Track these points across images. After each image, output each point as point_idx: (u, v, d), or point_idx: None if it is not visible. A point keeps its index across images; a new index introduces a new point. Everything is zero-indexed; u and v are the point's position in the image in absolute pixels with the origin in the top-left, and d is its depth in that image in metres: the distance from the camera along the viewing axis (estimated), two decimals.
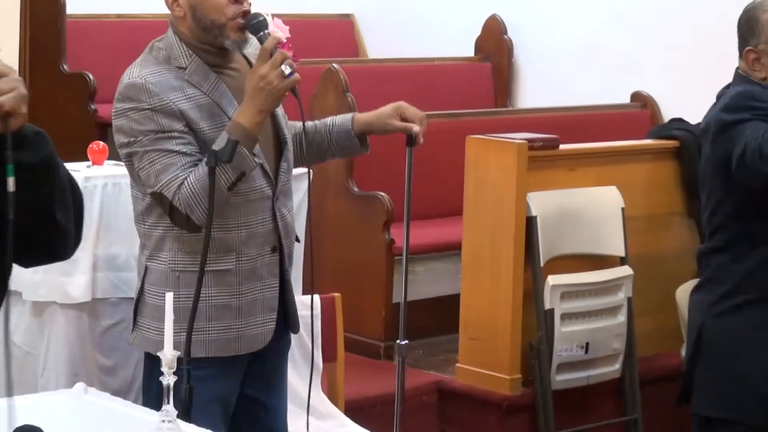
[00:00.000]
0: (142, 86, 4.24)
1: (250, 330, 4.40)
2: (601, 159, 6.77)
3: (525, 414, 6.37)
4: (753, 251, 4.21)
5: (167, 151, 4.21)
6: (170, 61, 4.32)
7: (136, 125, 4.25)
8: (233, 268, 4.35)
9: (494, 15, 8.87)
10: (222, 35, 4.28)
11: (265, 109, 4.19)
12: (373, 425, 5.50)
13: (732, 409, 4.23)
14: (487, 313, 6.38)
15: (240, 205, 4.31)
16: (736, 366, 4.22)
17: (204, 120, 4.27)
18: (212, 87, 4.32)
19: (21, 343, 5.19)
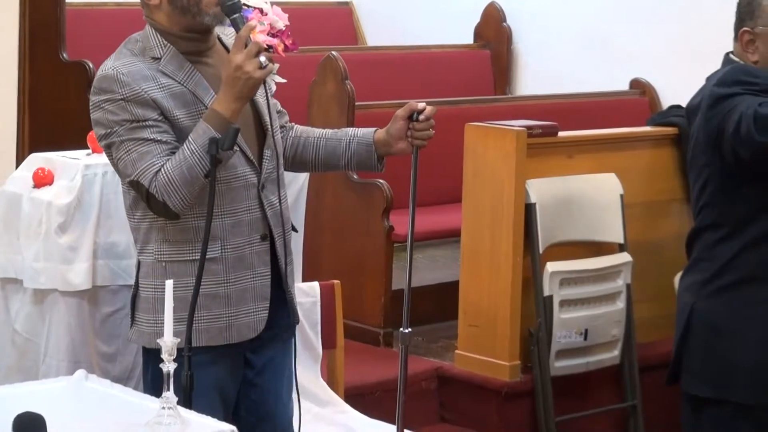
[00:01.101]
0: (114, 77, 4.23)
1: (241, 319, 4.40)
2: (600, 146, 6.79)
3: (524, 400, 6.39)
4: (739, 232, 4.22)
5: (143, 140, 4.20)
6: (145, 53, 4.31)
7: (111, 116, 4.24)
8: (218, 256, 4.33)
9: (493, 2, 8.88)
10: (200, 13, 4.26)
11: (242, 97, 4.18)
12: (372, 411, 5.53)
13: (719, 388, 4.25)
14: (486, 300, 6.39)
15: (223, 193, 4.28)
16: (724, 345, 4.23)
17: (178, 108, 4.25)
18: (187, 76, 4.30)
19: (22, 330, 5.20)
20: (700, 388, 4.33)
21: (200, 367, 4.24)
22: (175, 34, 4.33)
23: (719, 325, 4.27)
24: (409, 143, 4.41)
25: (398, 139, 4.44)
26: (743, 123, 4.15)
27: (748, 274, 4.21)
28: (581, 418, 6.52)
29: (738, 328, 4.23)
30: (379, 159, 4.54)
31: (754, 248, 4.20)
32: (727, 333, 4.25)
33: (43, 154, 5.42)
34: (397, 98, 7.27)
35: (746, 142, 4.17)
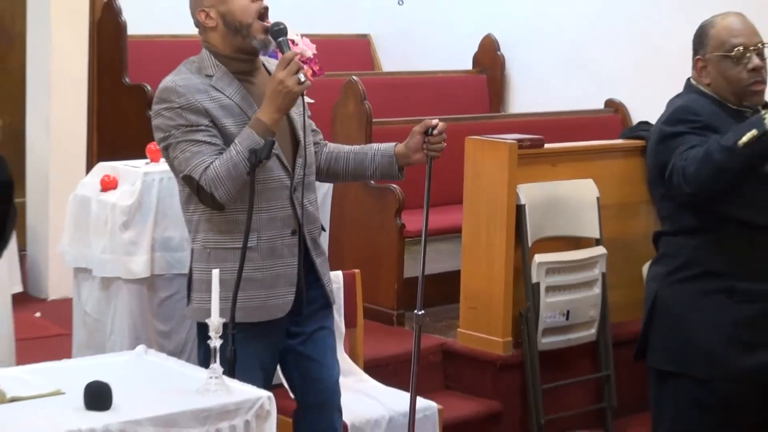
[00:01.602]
0: (173, 89, 4.32)
1: (272, 300, 4.41)
2: (579, 156, 6.77)
3: (515, 371, 6.37)
4: (694, 237, 4.20)
5: (195, 141, 4.26)
6: (200, 71, 4.39)
7: (169, 121, 4.30)
8: (254, 245, 4.35)
9: (489, 34, 8.86)
10: (249, 35, 4.33)
11: (282, 108, 4.25)
12: (387, 380, 5.52)
13: (679, 363, 4.23)
14: (483, 286, 6.38)
15: (260, 191, 4.30)
16: (683, 327, 4.21)
17: (226, 117, 4.31)
18: (235, 91, 4.37)
19: (91, 312, 5.21)
20: (662, 363, 4.31)
21: (241, 342, 4.26)
22: (227, 55, 4.38)
23: (678, 310, 4.25)
24: (425, 154, 4.43)
25: (415, 151, 4.47)
26: (674, 174, 4.13)
27: (703, 270, 4.19)
28: (563, 386, 6.50)
29: (694, 313, 4.21)
30: (400, 169, 4.57)
31: (708, 250, 4.17)
32: (685, 317, 4.23)
33: (108, 163, 5.43)
34: (408, 116, 7.29)
35: (678, 190, 4.15)
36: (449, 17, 9.07)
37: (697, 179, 4.04)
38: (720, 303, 4.16)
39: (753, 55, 4.17)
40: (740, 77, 4.17)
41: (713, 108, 4.20)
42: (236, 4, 4.31)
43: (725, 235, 4.14)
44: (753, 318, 4.13)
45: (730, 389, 4.15)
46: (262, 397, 4.04)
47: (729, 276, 4.14)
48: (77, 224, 5.27)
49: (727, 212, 4.09)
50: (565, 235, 6.49)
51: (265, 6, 4.36)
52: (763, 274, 4.12)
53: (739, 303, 4.14)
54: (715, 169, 4.00)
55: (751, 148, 3.94)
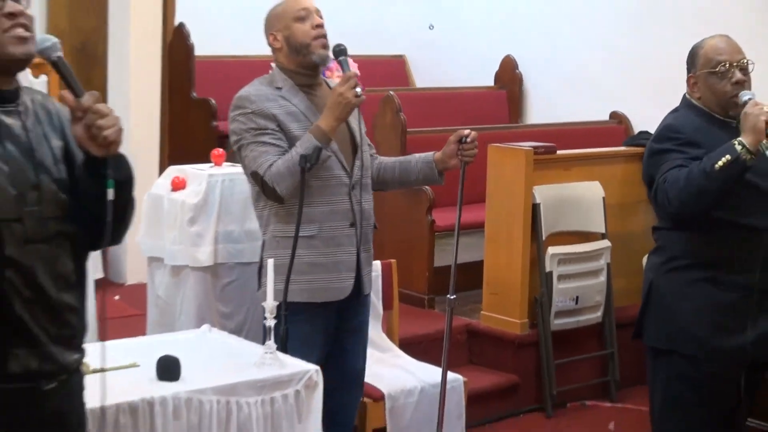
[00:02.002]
0: (246, 97, 4.40)
1: (333, 284, 4.42)
2: (587, 161, 6.75)
3: (531, 348, 6.36)
4: (685, 233, 4.18)
5: (263, 143, 4.32)
6: (271, 83, 4.45)
7: (242, 125, 4.36)
8: (316, 234, 4.38)
9: (509, 55, 8.84)
10: (309, 53, 4.40)
11: (340, 118, 4.31)
12: (419, 356, 5.52)
13: (670, 342, 4.21)
14: (504, 274, 6.37)
15: (323, 188, 4.36)
16: (674, 311, 4.20)
17: (292, 123, 4.36)
18: (300, 101, 4.42)
19: (163, 296, 5.23)
20: (655, 342, 4.30)
21: (299, 322, 4.28)
22: (293, 70, 4.45)
23: (670, 297, 4.23)
24: (459, 160, 4.46)
25: (451, 157, 4.52)
26: (659, 192, 4.12)
27: (692, 262, 4.17)
28: (573, 361, 6.48)
29: (683, 299, 4.19)
30: (440, 173, 4.60)
31: (697, 244, 4.16)
32: (675, 302, 4.21)
33: (178, 167, 5.45)
34: (438, 126, 7.29)
35: (662, 208, 4.15)
36: (474, 40, 9.06)
37: (678, 201, 4.04)
38: (706, 291, 4.14)
39: (736, 71, 4.16)
40: (725, 90, 4.15)
41: (700, 122, 4.19)
42: (296, 29, 4.39)
43: (712, 232, 4.12)
44: (734, 305, 4.12)
45: (712, 366, 4.14)
46: (310, 370, 4.05)
47: (714, 267, 4.13)
48: (151, 219, 5.29)
49: (714, 214, 4.07)
50: (574, 230, 6.47)
51: (320, 23, 4.42)
52: (743, 267, 4.10)
53: (722, 291, 4.12)
54: (695, 192, 3.99)
55: (725, 171, 3.93)
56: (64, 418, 2.88)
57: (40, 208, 2.75)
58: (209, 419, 3.79)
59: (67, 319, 2.83)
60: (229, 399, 3.84)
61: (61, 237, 2.80)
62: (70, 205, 2.81)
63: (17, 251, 2.70)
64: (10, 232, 2.69)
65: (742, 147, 3.94)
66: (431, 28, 9.11)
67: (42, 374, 2.76)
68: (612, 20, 8.23)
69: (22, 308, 2.71)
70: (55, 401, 2.82)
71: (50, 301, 2.77)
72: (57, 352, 2.79)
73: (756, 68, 4.30)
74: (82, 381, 2.99)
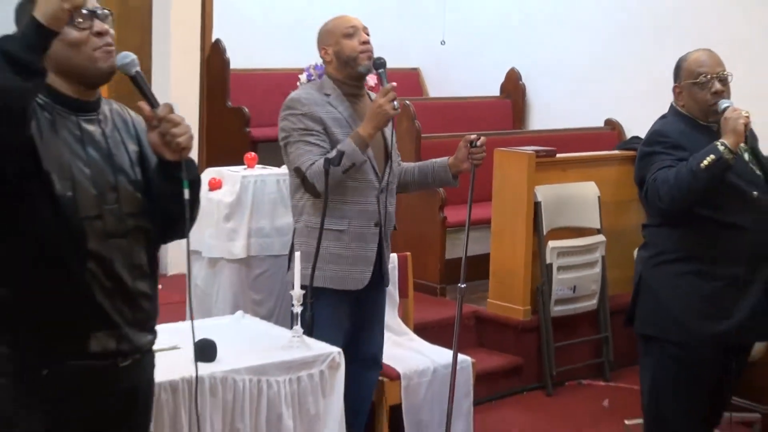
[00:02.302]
0: (298, 99, 4.43)
1: (353, 275, 4.44)
2: (583, 163, 6.74)
3: (533, 333, 6.36)
4: (672, 229, 4.17)
5: (308, 143, 4.36)
6: (320, 90, 4.49)
7: (291, 124, 4.40)
8: (345, 229, 4.42)
9: (513, 67, 8.82)
10: (356, 64, 4.44)
11: (377, 126, 4.35)
12: (432, 340, 5.52)
13: (658, 329, 4.20)
14: (508, 266, 6.36)
15: (355, 188, 4.40)
16: (661, 301, 4.18)
17: (336, 127, 4.40)
18: (345, 109, 4.46)
19: (201, 285, 5.24)
20: (646, 329, 4.28)
21: (326, 305, 4.35)
22: (340, 80, 4.49)
23: (658, 287, 4.22)
24: (470, 163, 4.47)
25: (462, 161, 4.55)
26: (650, 190, 4.11)
27: (678, 255, 4.16)
28: (571, 344, 6.48)
29: (669, 290, 4.18)
30: (454, 176, 4.65)
31: (682, 240, 4.15)
32: (663, 292, 4.20)
33: (214, 169, 5.45)
34: (449, 132, 7.28)
35: (653, 204, 4.14)
36: (481, 55, 9.04)
37: (669, 197, 4.03)
38: (690, 282, 4.13)
39: (715, 81, 4.15)
40: (705, 99, 4.15)
41: (684, 127, 4.18)
42: (345, 44, 4.44)
43: (696, 228, 4.11)
44: (716, 294, 4.10)
45: (697, 350, 4.12)
46: (333, 352, 4.06)
47: (700, 261, 4.12)
48: None
49: (697, 212, 4.06)
50: (572, 226, 6.46)
51: (366, 39, 4.47)
52: (726, 260, 4.08)
53: (707, 282, 4.10)
54: (684, 189, 3.99)
55: (710, 170, 3.94)
56: (136, 391, 2.96)
57: (118, 206, 2.83)
58: (242, 396, 3.80)
59: (142, 304, 2.91)
60: (260, 378, 3.84)
61: (137, 232, 2.88)
62: (144, 204, 2.89)
63: (99, 245, 2.78)
64: (92, 228, 2.77)
65: (724, 147, 3.95)
66: (443, 44, 9.08)
67: (119, 353, 2.85)
68: (607, 37, 8.21)
69: (103, 296, 2.79)
70: (129, 377, 2.89)
71: (127, 289, 2.85)
72: (132, 334, 2.87)
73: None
74: (153, 359, 3.06)
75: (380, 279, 4.57)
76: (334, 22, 4.51)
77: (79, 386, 2.80)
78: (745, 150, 4.10)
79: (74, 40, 2.76)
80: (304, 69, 5.69)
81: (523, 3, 8.79)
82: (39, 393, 2.76)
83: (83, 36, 2.77)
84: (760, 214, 4.09)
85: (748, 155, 4.14)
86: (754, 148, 4.14)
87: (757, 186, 4.11)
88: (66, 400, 2.78)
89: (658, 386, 4.24)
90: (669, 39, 7.48)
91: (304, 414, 3.97)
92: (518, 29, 8.82)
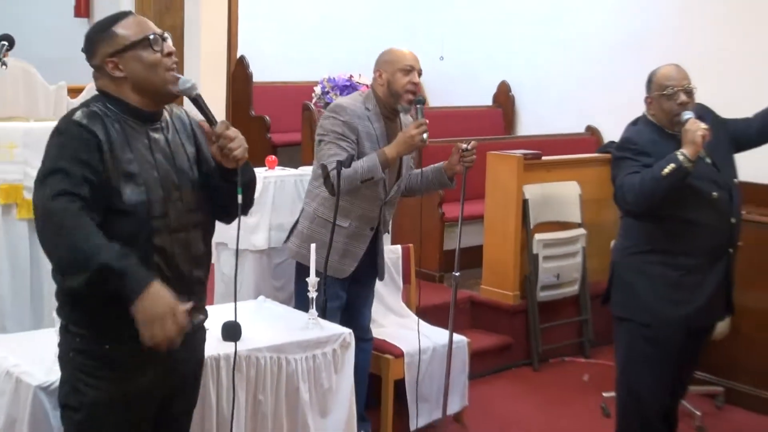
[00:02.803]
0: (344, 107, 4.41)
1: (338, 265, 4.50)
2: (566, 165, 6.73)
3: (522, 315, 6.35)
4: (643, 225, 4.18)
5: (339, 146, 4.34)
6: (365, 102, 4.46)
7: (331, 126, 4.40)
8: (346, 227, 4.45)
9: (504, 81, 8.82)
10: (399, 99, 4.42)
11: (402, 152, 4.37)
12: (432, 322, 5.51)
13: (628, 312, 4.21)
14: (499, 256, 6.36)
15: (364, 196, 4.42)
16: (632, 287, 4.19)
17: (366, 141, 4.40)
18: (380, 127, 4.45)
19: (227, 273, 5.22)
20: (618, 311, 4.29)
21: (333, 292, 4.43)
22: (382, 102, 4.46)
23: (629, 275, 4.23)
24: (462, 165, 4.47)
25: (455, 165, 4.55)
26: (618, 193, 4.14)
27: (647, 248, 4.17)
28: (555, 326, 6.47)
29: (638, 278, 4.19)
30: (450, 179, 4.64)
31: (651, 233, 4.16)
32: (634, 280, 4.21)
33: None
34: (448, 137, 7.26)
35: (621, 205, 4.18)
36: (475, 69, 9.04)
37: (634, 200, 4.06)
38: (657, 271, 4.13)
39: (681, 93, 4.15)
40: (671, 109, 4.14)
41: (653, 135, 4.18)
42: (398, 78, 4.41)
43: (662, 224, 4.11)
44: (678, 282, 4.10)
45: (662, 330, 4.13)
46: (344, 333, 4.05)
47: (664, 252, 4.12)
48: None
49: (664, 210, 4.07)
50: (556, 220, 6.45)
51: (417, 81, 4.45)
52: (686, 252, 4.08)
53: (670, 271, 4.11)
54: (648, 193, 4.01)
55: (670, 177, 3.95)
56: (188, 363, 3.01)
57: (181, 204, 2.87)
58: (264, 372, 3.80)
59: (197, 290, 2.95)
60: (280, 356, 3.84)
61: (196, 226, 2.92)
62: (201, 199, 2.93)
63: (163, 240, 2.81)
64: (159, 226, 2.80)
65: (683, 157, 3.95)
66: (441, 59, 9.08)
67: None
68: (588, 54, 8.20)
69: (165, 285, 2.77)
70: (182, 350, 2.86)
71: (185, 278, 2.88)
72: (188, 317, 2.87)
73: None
74: (204, 335, 3.11)
75: (374, 272, 4.60)
76: (397, 55, 4.47)
77: (138, 360, 2.81)
78: (705, 155, 4.09)
79: (152, 62, 2.82)
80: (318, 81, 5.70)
81: (513, 24, 8.78)
82: (103, 366, 2.79)
83: (158, 58, 2.83)
84: (718, 212, 4.09)
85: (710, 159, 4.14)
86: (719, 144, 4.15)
87: (719, 187, 4.11)
88: (127, 372, 2.81)
89: (630, 362, 4.24)
90: (645, 56, 7.45)
91: (318, 388, 3.97)
92: (509, 47, 8.82)
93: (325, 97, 5.99)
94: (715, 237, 4.09)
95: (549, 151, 6.80)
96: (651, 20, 7.75)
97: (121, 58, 2.81)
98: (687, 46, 7.29)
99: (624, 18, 7.96)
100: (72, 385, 2.84)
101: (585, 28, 8.24)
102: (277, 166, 5.37)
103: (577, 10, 8.32)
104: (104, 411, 2.81)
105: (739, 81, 7.07)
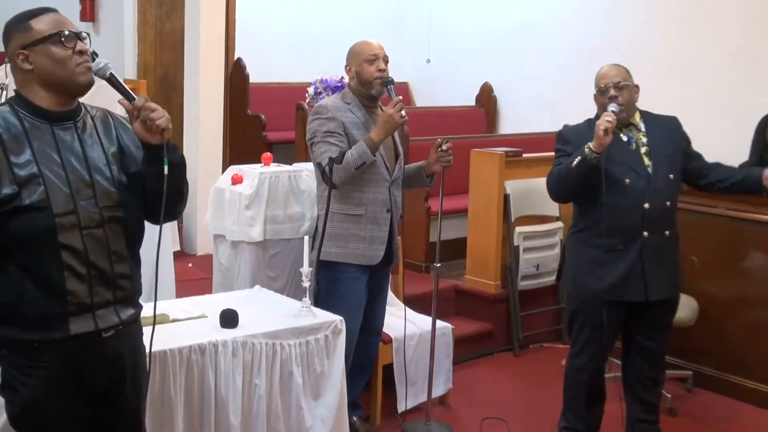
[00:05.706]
0: (325, 106, 4.42)
1: (369, 252, 4.46)
2: (545, 162, 6.65)
3: (503, 303, 6.34)
4: (577, 208, 4.39)
5: (329, 143, 4.33)
6: (343, 98, 4.48)
7: (317, 126, 4.39)
8: (363, 214, 4.44)
9: (486, 82, 8.82)
10: (371, 87, 4.43)
11: (388, 132, 4.34)
12: (418, 309, 5.50)
13: (568, 284, 4.45)
14: (482, 248, 6.34)
15: (370, 180, 4.41)
16: (569, 262, 4.41)
17: (354, 130, 4.39)
18: (363, 115, 4.45)
19: (225, 264, 5.21)
20: (567, 285, 4.51)
21: (345, 280, 4.42)
22: (360, 93, 4.47)
23: (568, 252, 4.45)
24: (440, 165, 4.49)
25: (433, 164, 4.60)
26: (547, 181, 4.36)
27: (579, 228, 4.36)
28: (534, 313, 6.46)
29: (572, 254, 4.40)
30: (428, 177, 4.67)
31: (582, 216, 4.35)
32: (570, 256, 4.42)
33: (236, 166, 5.43)
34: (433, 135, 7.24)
35: (552, 195, 4.42)
36: (460, 71, 9.04)
37: (554, 189, 4.33)
38: (583, 249, 4.32)
39: (611, 88, 4.29)
40: (603, 103, 4.30)
41: (586, 129, 4.32)
42: (365, 68, 4.43)
43: (588, 207, 4.27)
44: (599, 259, 4.27)
45: (587, 300, 4.33)
46: (335, 320, 4.04)
47: (589, 232, 4.30)
48: (216, 206, 5.27)
49: (588, 195, 4.23)
50: (536, 214, 6.44)
51: (383, 68, 4.45)
52: (605, 232, 4.22)
53: (592, 249, 4.29)
54: (562, 182, 4.25)
55: (578, 168, 4.14)
56: (122, 357, 2.84)
57: (94, 200, 2.74)
58: (259, 357, 3.78)
59: (121, 284, 2.80)
60: (275, 341, 3.83)
61: (113, 222, 2.77)
62: (120, 197, 2.79)
63: (73, 238, 2.68)
64: (64, 223, 2.68)
65: (588, 150, 4.12)
66: (428, 62, 9.07)
67: (99, 331, 2.76)
68: (566, 56, 8.21)
69: (77, 282, 2.70)
70: (112, 345, 2.79)
71: (106, 274, 2.75)
72: (112, 311, 2.79)
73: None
74: (140, 329, 2.93)
75: (390, 256, 4.58)
76: (361, 47, 4.49)
77: (68, 356, 2.71)
78: (642, 145, 4.27)
79: (61, 58, 2.71)
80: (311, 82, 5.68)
81: (495, 28, 8.78)
82: (35, 362, 2.69)
83: (67, 54, 2.71)
84: (630, 197, 4.22)
85: (645, 149, 4.28)
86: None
87: (636, 173, 4.23)
88: (58, 368, 2.71)
89: (571, 325, 4.48)
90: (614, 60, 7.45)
91: (311, 372, 3.96)
92: (491, 50, 8.82)
93: (317, 97, 5.97)
94: (627, 219, 4.22)
95: (529, 148, 6.80)
96: (619, 27, 7.77)
97: (31, 51, 2.70)
98: (651, 50, 7.34)
99: (595, 25, 7.98)
100: (6, 382, 2.75)
101: (561, 34, 8.26)
102: (272, 163, 5.35)
103: (554, 19, 8.34)
104: (39, 407, 2.71)
105: (701, 83, 7.09)
